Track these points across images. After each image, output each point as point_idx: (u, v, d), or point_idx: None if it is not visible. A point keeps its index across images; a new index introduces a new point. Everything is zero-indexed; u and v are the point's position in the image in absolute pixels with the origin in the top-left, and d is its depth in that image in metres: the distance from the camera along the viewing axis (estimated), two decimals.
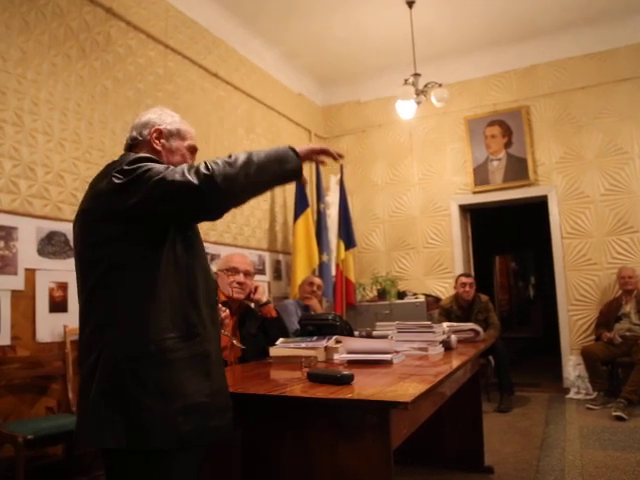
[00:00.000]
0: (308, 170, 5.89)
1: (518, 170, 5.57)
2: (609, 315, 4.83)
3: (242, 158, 1.33)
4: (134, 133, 1.58)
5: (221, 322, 2.64)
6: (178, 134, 1.59)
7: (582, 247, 5.30)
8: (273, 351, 2.44)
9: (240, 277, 2.67)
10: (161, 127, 1.57)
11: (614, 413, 4.05)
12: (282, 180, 1.44)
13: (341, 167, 5.95)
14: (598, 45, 5.30)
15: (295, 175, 1.42)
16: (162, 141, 1.56)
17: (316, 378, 1.71)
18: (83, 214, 1.41)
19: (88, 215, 1.39)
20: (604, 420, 4.04)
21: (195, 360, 1.36)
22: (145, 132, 1.56)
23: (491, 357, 4.81)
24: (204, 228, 4.40)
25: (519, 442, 3.62)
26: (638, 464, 3.00)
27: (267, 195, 5.40)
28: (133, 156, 1.40)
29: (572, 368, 5.13)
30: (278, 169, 1.38)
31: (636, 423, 3.89)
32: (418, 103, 4.70)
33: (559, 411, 4.50)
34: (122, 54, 3.76)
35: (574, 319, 5.30)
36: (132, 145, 1.57)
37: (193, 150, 1.63)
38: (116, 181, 1.33)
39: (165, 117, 1.61)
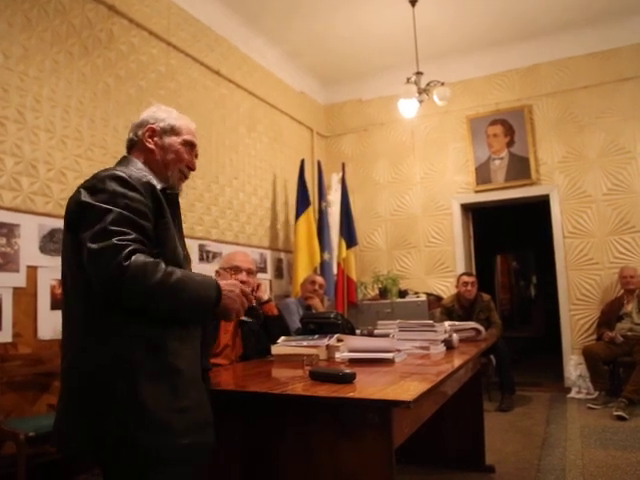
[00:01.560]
0: (310, 169, 5.88)
1: (520, 169, 5.56)
2: (610, 315, 4.83)
3: (171, 282, 1.28)
4: (131, 134, 1.58)
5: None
6: (172, 130, 1.57)
7: (584, 247, 5.30)
8: (275, 349, 2.44)
9: (243, 276, 2.67)
10: (154, 125, 1.56)
11: (615, 413, 4.05)
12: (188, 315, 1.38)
13: (343, 166, 5.96)
14: (601, 44, 5.29)
15: (201, 321, 1.46)
16: (155, 139, 1.55)
17: (318, 376, 1.71)
18: (65, 221, 1.41)
19: (66, 223, 1.41)
20: (605, 420, 4.03)
21: (161, 375, 1.30)
22: (140, 132, 1.56)
23: (492, 356, 4.80)
24: (206, 226, 4.40)
25: (520, 441, 3.62)
26: (639, 464, 2.99)
27: (269, 193, 5.40)
28: (99, 185, 1.34)
29: (573, 367, 5.13)
30: (191, 313, 1.37)
31: (637, 423, 3.88)
32: (420, 102, 4.69)
33: (560, 410, 4.49)
34: (124, 52, 3.76)
35: (575, 318, 5.29)
36: (130, 146, 1.58)
37: (189, 145, 1.60)
38: (75, 209, 1.34)
39: (159, 114, 1.59)
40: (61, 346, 1.39)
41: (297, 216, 5.38)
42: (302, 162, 5.53)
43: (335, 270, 5.60)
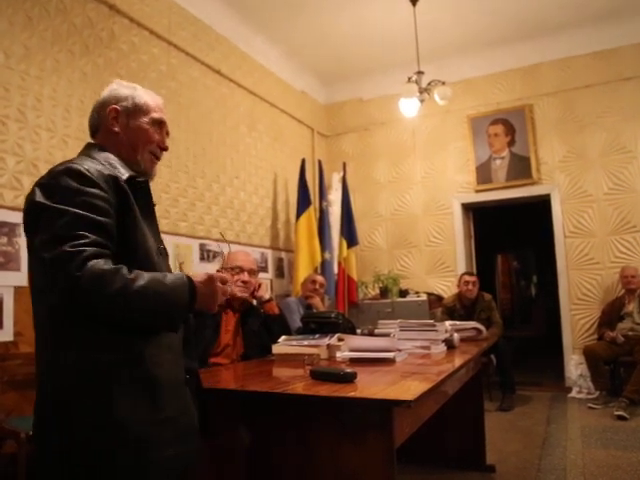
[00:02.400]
0: (311, 169, 5.88)
1: (521, 169, 5.56)
2: (611, 314, 4.82)
3: (132, 290, 1.15)
4: (93, 117, 1.44)
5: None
6: (138, 109, 1.42)
7: (585, 246, 5.29)
8: (276, 348, 2.44)
9: (245, 276, 2.67)
10: (117, 105, 1.40)
11: (616, 412, 4.04)
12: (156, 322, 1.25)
13: (344, 165, 5.95)
14: (602, 44, 5.28)
15: (174, 326, 1.27)
16: (120, 121, 1.40)
17: (319, 376, 1.71)
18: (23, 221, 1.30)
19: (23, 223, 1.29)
20: (606, 419, 4.03)
21: (138, 387, 1.20)
22: (103, 114, 1.41)
23: (493, 356, 4.80)
24: (207, 225, 4.40)
25: (521, 441, 3.62)
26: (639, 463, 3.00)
27: (270, 193, 5.40)
28: (52, 182, 1.23)
29: (574, 367, 5.13)
30: (162, 319, 1.23)
31: (638, 422, 3.88)
32: (421, 101, 4.69)
33: (561, 410, 4.49)
34: (125, 51, 3.76)
35: (576, 318, 5.29)
36: (94, 131, 1.44)
37: (158, 123, 1.45)
38: (29, 209, 1.23)
39: (121, 92, 1.43)
40: (35, 349, 1.28)
41: (298, 215, 5.38)
42: (303, 161, 5.53)
43: (336, 269, 5.60)
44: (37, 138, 3.10)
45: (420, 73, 4.65)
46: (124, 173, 1.32)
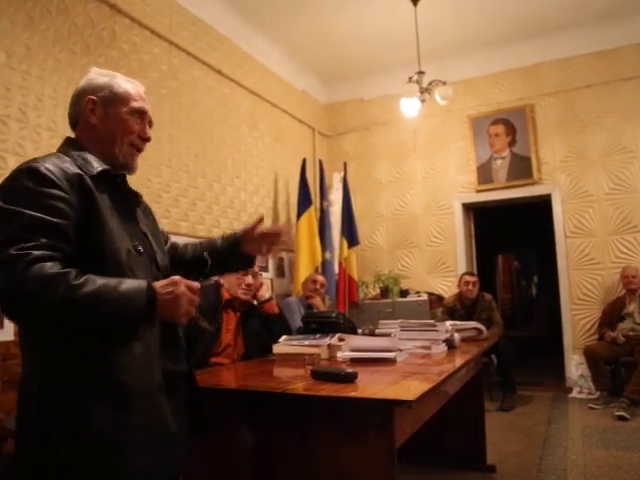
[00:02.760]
0: (312, 169, 5.88)
1: (522, 169, 5.55)
2: (612, 314, 4.82)
3: (79, 296, 1.08)
4: (71, 109, 1.38)
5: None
6: (116, 99, 1.35)
7: (585, 246, 5.29)
8: (276, 348, 2.44)
9: (249, 279, 2.68)
10: (94, 96, 1.34)
11: (617, 413, 4.04)
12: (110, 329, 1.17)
13: (345, 165, 5.96)
14: (603, 44, 5.27)
15: (130, 334, 1.17)
16: (98, 112, 1.34)
17: (319, 376, 1.71)
18: None
19: None
20: (606, 420, 4.03)
21: (108, 394, 1.15)
22: (80, 105, 1.35)
23: (494, 356, 4.80)
24: (207, 225, 4.40)
25: (521, 441, 3.62)
26: None
27: (270, 192, 5.40)
28: (11, 183, 1.20)
29: (575, 367, 5.13)
30: (114, 327, 1.14)
31: (639, 423, 3.88)
32: (422, 101, 4.69)
33: (561, 410, 4.49)
34: (126, 50, 3.76)
35: (577, 318, 5.29)
36: (74, 123, 1.39)
37: (138, 112, 1.38)
38: None
39: (99, 81, 1.36)
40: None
41: (298, 215, 5.38)
42: (304, 161, 5.53)
43: (336, 269, 5.60)
44: (38, 138, 3.10)
45: (421, 73, 4.65)
46: (97, 168, 1.27)
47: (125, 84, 1.38)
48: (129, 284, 1.14)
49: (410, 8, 4.67)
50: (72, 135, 1.40)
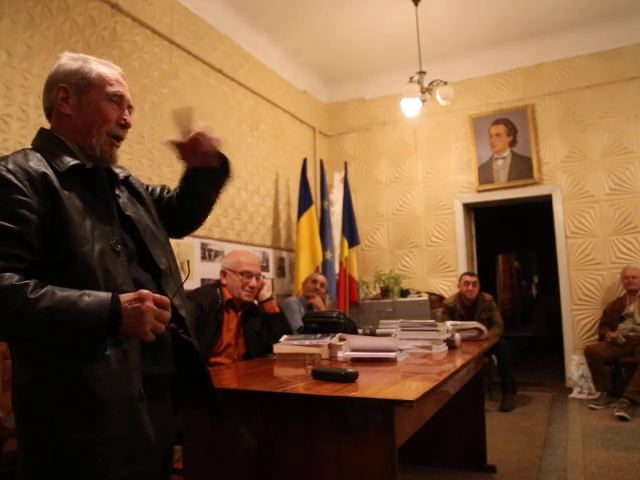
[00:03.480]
0: (312, 168, 5.88)
1: (523, 169, 5.55)
2: (613, 315, 4.82)
3: (35, 311, 1.02)
4: (45, 99, 1.29)
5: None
6: (90, 84, 1.26)
7: (586, 247, 5.29)
8: (277, 348, 2.44)
9: (253, 281, 2.68)
10: (65, 83, 1.25)
11: (617, 413, 4.04)
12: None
13: (345, 165, 5.96)
14: (604, 44, 5.27)
15: (91, 351, 1.10)
16: (72, 101, 1.25)
17: (320, 376, 1.71)
18: None
19: None
20: (607, 420, 4.03)
21: (75, 403, 1.10)
22: (52, 95, 1.26)
23: (494, 356, 4.80)
24: (208, 224, 4.40)
25: (522, 441, 3.62)
26: None
27: (271, 192, 5.40)
28: None
29: (575, 368, 5.13)
30: (74, 343, 1.07)
31: (639, 423, 3.88)
32: (423, 101, 4.69)
33: (562, 410, 4.49)
34: (127, 50, 3.76)
35: (577, 319, 5.29)
36: (48, 115, 1.30)
37: (115, 97, 1.29)
38: None
39: (70, 66, 1.27)
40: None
41: (299, 215, 5.38)
42: (304, 161, 5.53)
43: (337, 269, 5.60)
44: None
45: (422, 73, 4.65)
46: (67, 163, 1.20)
47: (99, 67, 1.29)
48: (91, 298, 1.06)
49: (411, 8, 4.67)
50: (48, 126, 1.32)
